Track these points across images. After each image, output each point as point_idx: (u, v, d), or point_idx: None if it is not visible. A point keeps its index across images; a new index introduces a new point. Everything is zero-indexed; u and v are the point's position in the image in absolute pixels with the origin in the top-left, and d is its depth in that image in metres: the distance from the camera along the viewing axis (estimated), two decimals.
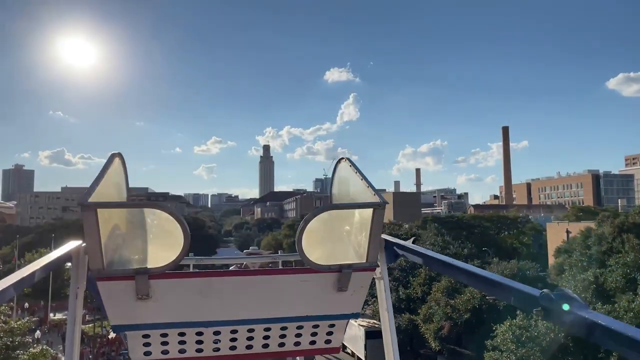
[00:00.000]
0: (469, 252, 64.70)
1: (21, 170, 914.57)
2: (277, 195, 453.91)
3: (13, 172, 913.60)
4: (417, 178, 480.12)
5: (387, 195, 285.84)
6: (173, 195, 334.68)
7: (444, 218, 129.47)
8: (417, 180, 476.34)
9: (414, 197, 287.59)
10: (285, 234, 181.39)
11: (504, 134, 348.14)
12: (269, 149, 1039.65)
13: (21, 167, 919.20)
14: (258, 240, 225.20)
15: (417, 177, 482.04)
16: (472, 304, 44.13)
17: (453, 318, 45.04)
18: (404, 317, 57.43)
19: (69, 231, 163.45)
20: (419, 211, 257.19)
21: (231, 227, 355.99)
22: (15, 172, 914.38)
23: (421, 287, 56.88)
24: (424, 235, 76.40)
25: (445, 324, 45.14)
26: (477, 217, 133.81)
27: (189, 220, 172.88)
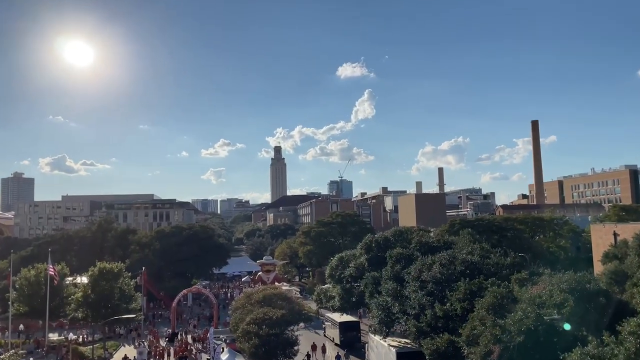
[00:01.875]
0: (512, 261, 60.96)
1: (20, 179, 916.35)
2: (291, 199, 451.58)
3: (12, 180, 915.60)
4: (440, 178, 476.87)
5: (408, 198, 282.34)
6: (180, 201, 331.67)
7: (473, 221, 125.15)
8: (440, 181, 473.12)
9: (438, 198, 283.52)
10: (301, 241, 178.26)
11: (533, 129, 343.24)
12: (280, 150, 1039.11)
13: (20, 175, 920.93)
14: (271, 248, 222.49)
15: (440, 176, 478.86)
16: (525, 324, 40.23)
17: (503, 341, 41.12)
18: (443, 338, 53.68)
19: (70, 243, 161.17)
20: (444, 214, 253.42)
21: (242, 235, 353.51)
22: (15, 180, 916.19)
23: (460, 302, 53.21)
24: (458, 243, 72.59)
25: (495, 348, 41.29)
26: (509, 219, 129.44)
27: (197, 229, 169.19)
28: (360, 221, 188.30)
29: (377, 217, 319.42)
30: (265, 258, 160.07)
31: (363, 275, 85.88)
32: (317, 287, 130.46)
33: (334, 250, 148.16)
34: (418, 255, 70.37)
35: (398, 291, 66.29)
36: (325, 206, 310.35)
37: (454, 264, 61.16)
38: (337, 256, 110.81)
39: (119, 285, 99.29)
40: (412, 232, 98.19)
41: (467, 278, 56.72)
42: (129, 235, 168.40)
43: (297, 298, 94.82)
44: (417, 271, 63.52)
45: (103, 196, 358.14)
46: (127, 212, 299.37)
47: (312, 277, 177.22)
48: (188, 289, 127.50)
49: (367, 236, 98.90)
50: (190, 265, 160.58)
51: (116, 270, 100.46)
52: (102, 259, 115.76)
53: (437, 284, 59.44)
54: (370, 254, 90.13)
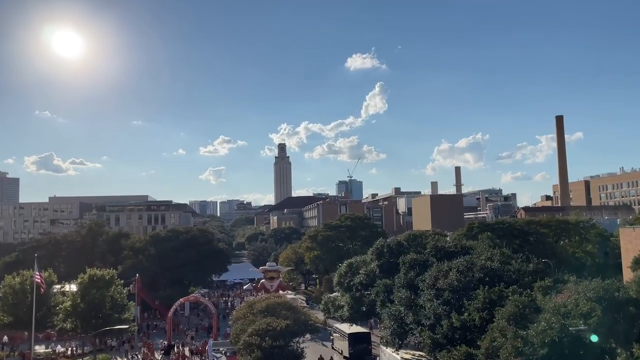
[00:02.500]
0: (535, 268, 60.93)
1: (4, 179, 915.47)
2: (296, 201, 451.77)
3: None
4: (457, 178, 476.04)
5: (423, 199, 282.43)
6: (176, 203, 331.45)
7: (493, 224, 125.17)
8: (457, 181, 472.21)
9: (455, 200, 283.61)
10: (307, 246, 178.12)
11: (557, 125, 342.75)
12: (284, 148, 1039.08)
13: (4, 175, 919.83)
14: (275, 254, 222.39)
15: (457, 176, 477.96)
16: (549, 335, 40.23)
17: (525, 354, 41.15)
18: (460, 350, 53.67)
19: (57, 248, 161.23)
20: (461, 216, 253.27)
21: (244, 239, 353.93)
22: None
23: (479, 312, 53.23)
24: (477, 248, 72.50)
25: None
26: (532, 223, 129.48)
27: (195, 233, 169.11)
28: (371, 224, 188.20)
29: (389, 220, 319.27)
30: (269, 264, 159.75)
31: (374, 283, 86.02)
32: (324, 295, 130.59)
33: (342, 255, 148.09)
34: (433, 261, 70.44)
35: (412, 300, 66.38)
36: (333, 208, 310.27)
37: (472, 271, 61.18)
38: (346, 262, 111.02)
39: (110, 294, 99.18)
40: (427, 236, 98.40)
41: (487, 286, 56.73)
42: (121, 240, 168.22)
43: (302, 307, 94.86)
44: (433, 278, 63.56)
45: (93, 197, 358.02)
46: (119, 215, 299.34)
47: (319, 284, 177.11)
48: (185, 297, 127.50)
49: (379, 241, 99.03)
50: (187, 272, 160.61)
51: (108, 277, 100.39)
52: (93, 265, 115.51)
53: (454, 292, 59.46)
54: (381, 260, 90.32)
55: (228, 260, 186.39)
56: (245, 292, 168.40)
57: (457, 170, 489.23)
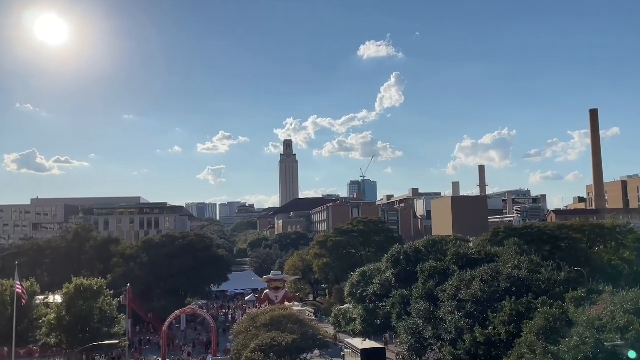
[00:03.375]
0: (566, 277, 60.92)
1: None
2: (303, 203, 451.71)
3: None
4: (481, 178, 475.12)
5: (444, 201, 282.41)
6: (172, 206, 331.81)
7: (520, 229, 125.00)
8: (481, 181, 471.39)
9: (479, 202, 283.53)
10: (316, 253, 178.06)
11: (592, 119, 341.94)
12: (290, 145, 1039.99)
13: None
14: (280, 261, 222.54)
15: (481, 176, 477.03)
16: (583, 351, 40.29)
17: None
18: None
19: (40, 255, 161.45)
20: (486, 220, 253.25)
21: (246, 245, 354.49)
22: None
23: (506, 326, 53.26)
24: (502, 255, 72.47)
25: None
26: (563, 227, 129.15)
27: (192, 238, 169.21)
28: (386, 229, 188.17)
29: (406, 224, 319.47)
30: (273, 273, 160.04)
31: (389, 294, 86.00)
32: (334, 307, 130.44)
33: (354, 263, 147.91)
34: (455, 270, 70.47)
35: (431, 312, 66.40)
36: (345, 211, 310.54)
37: (497, 280, 61.19)
38: (358, 271, 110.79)
39: (99, 306, 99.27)
40: (447, 242, 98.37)
41: (514, 297, 56.75)
42: (111, 246, 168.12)
43: (310, 320, 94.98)
44: (454, 288, 63.59)
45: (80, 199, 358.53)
46: (108, 219, 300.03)
47: (328, 295, 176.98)
48: (181, 309, 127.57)
49: (395, 247, 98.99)
50: (183, 281, 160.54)
51: (96, 287, 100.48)
52: (79, 274, 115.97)
53: (477, 303, 59.49)
54: (398, 268, 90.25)
55: (228, 268, 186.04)
56: (248, 304, 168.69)
57: (481, 169, 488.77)
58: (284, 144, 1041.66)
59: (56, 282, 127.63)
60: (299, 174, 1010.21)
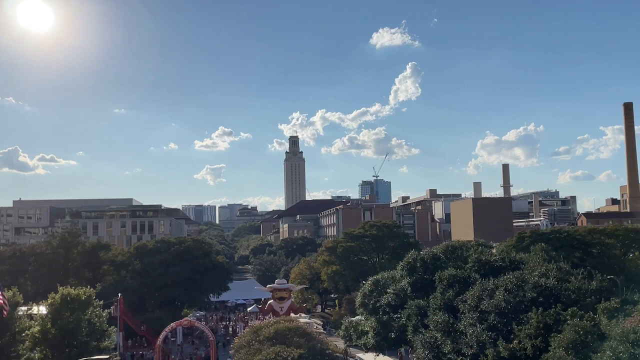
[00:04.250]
0: (598, 286, 60.84)
1: None
2: (311, 205, 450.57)
3: None
4: (505, 177, 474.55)
5: (464, 203, 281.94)
6: (167, 208, 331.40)
7: (548, 233, 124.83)
8: (505, 181, 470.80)
9: (503, 204, 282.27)
10: (324, 259, 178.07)
11: (626, 113, 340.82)
12: (297, 142, 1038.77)
13: None
14: (286, 269, 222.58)
15: (505, 176, 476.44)
16: None
17: None
18: None
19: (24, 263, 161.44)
20: (510, 224, 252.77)
21: (248, 251, 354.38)
22: None
23: (532, 339, 53.21)
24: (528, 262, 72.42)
25: None
26: (595, 232, 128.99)
27: (189, 244, 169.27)
28: (401, 234, 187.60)
29: (422, 228, 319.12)
30: (278, 282, 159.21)
31: (405, 304, 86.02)
32: (345, 319, 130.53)
33: (367, 271, 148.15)
34: (476, 278, 70.47)
35: (450, 324, 66.39)
36: (356, 214, 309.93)
37: (523, 290, 61.14)
38: (371, 279, 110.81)
39: (87, 317, 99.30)
40: (468, 248, 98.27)
41: (540, 308, 56.70)
42: (100, 252, 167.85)
43: (319, 334, 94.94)
44: (475, 299, 63.57)
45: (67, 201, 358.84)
46: (98, 222, 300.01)
47: (338, 306, 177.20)
48: (177, 322, 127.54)
49: (411, 253, 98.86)
50: (180, 291, 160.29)
51: (84, 297, 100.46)
52: (66, 282, 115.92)
53: (501, 315, 59.50)
54: (414, 277, 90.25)
55: (229, 276, 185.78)
56: (250, 315, 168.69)
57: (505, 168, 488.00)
58: (289, 140, 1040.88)
59: (41, 291, 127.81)
60: (305, 173, 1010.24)
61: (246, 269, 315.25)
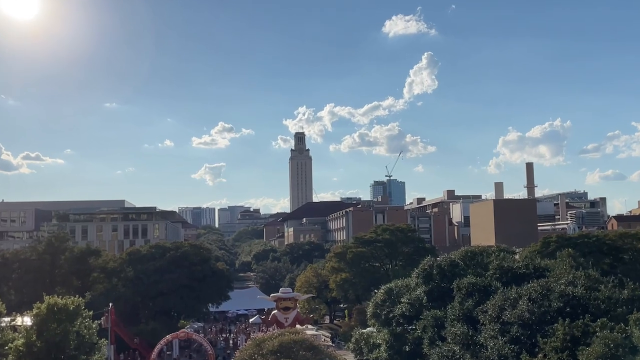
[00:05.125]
0: (630, 295, 60.78)
1: None
2: (318, 207, 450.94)
3: None
4: (529, 177, 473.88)
5: (485, 205, 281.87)
6: (162, 210, 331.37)
7: (575, 238, 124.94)
8: (529, 181, 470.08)
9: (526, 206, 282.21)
10: (333, 266, 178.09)
11: None
12: (303, 138, 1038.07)
13: None
14: (291, 277, 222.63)
15: (529, 175, 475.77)
16: None
17: None
18: None
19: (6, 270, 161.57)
20: (534, 228, 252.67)
21: (250, 257, 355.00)
22: None
23: (558, 353, 53.22)
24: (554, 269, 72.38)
25: None
26: (626, 236, 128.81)
27: (187, 249, 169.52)
28: (417, 238, 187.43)
29: (439, 232, 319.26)
30: (282, 290, 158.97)
31: (420, 315, 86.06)
32: (355, 331, 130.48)
33: (379, 279, 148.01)
34: (498, 287, 70.49)
35: (470, 337, 66.38)
36: (367, 217, 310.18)
37: (548, 299, 61.12)
38: (383, 288, 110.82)
39: (75, 329, 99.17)
40: (489, 254, 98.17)
41: (567, 318, 56.67)
42: (90, 258, 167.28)
43: (327, 347, 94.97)
44: (497, 309, 63.58)
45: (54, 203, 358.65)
46: (87, 226, 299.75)
47: (348, 317, 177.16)
48: (173, 334, 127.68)
49: (427, 259, 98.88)
50: (176, 300, 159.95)
51: (72, 307, 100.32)
52: (53, 291, 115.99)
53: (524, 326, 59.50)
54: (430, 285, 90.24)
55: (229, 285, 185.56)
56: (252, 327, 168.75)
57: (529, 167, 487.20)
58: (295, 137, 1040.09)
59: (25, 301, 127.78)
60: (312, 173, 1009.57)
61: (248, 276, 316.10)
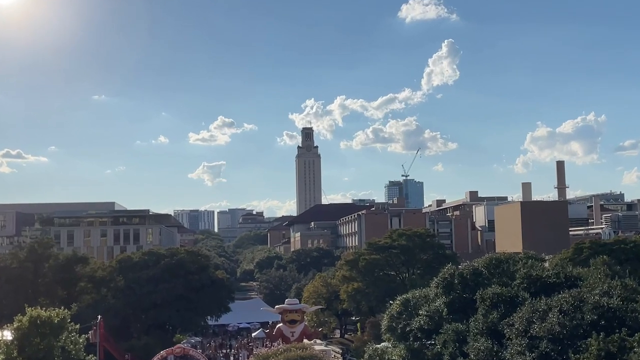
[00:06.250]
0: None
1: None
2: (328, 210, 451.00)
3: None
4: (560, 177, 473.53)
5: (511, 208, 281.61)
6: (156, 214, 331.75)
7: (611, 244, 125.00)
8: (560, 181, 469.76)
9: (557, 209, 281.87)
10: (344, 275, 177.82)
11: None
12: (311, 134, 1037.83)
13: None
14: (298, 286, 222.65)
15: (559, 175, 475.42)
16: None
17: None
18: None
19: None
20: (566, 233, 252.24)
21: (253, 265, 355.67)
22: None
23: None
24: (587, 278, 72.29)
25: None
26: None
27: (183, 256, 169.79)
28: (436, 244, 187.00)
29: (461, 237, 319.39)
30: (288, 301, 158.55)
31: (440, 328, 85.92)
32: (368, 346, 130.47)
33: (394, 289, 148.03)
34: (525, 297, 70.38)
35: (494, 352, 66.36)
36: (382, 221, 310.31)
37: (581, 311, 61.06)
38: (399, 298, 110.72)
39: (60, 344, 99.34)
40: (516, 262, 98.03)
41: (602, 332, 56.58)
42: (76, 266, 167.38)
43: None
44: (525, 322, 63.51)
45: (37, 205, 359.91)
46: (73, 231, 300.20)
47: (360, 330, 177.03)
48: (168, 349, 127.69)
49: (447, 268, 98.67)
50: (171, 312, 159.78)
51: (57, 320, 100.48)
52: (36, 303, 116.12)
53: (554, 341, 59.44)
54: (451, 296, 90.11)
55: (230, 295, 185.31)
56: (255, 342, 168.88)
57: (560, 166, 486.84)
58: (302, 133, 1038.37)
59: (5, 313, 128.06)
60: (321, 172, 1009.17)
61: (250, 286, 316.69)
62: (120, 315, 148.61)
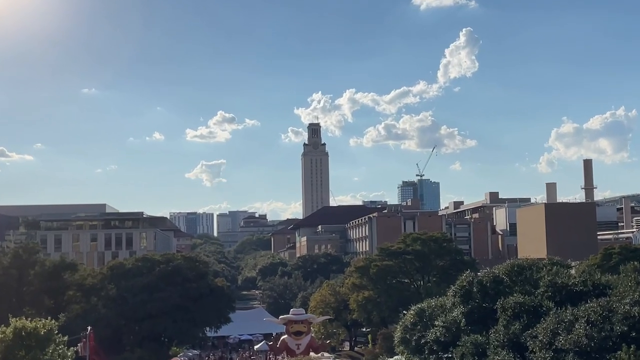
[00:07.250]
0: None
1: None
2: (336, 213, 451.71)
3: None
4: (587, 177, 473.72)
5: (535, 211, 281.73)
6: (150, 216, 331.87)
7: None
8: (587, 182, 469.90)
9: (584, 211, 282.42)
10: (354, 282, 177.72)
11: None
12: (318, 131, 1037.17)
13: None
14: (304, 295, 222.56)
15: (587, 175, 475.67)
16: None
17: None
18: None
19: None
20: (594, 237, 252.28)
21: (255, 272, 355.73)
22: None
23: None
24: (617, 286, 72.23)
25: None
26: None
27: (180, 263, 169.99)
28: (453, 249, 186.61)
29: (480, 242, 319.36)
30: (293, 311, 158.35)
31: (458, 340, 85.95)
32: (380, 359, 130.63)
33: (408, 298, 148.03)
34: (550, 307, 70.36)
35: None
36: (395, 224, 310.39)
37: (610, 322, 61.06)
38: (414, 308, 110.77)
39: (47, 357, 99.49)
40: (539, 268, 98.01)
41: (633, 345, 56.60)
42: (64, 273, 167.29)
43: None
44: (549, 333, 63.52)
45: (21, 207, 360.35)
46: (61, 235, 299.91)
47: (371, 343, 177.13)
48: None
49: (465, 275, 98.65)
50: (167, 323, 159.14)
51: (43, 331, 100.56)
52: (20, 313, 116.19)
53: (581, 354, 59.46)
54: (469, 305, 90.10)
55: (230, 304, 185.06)
56: (258, 355, 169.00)
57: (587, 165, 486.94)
58: (308, 129, 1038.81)
59: None
60: (329, 171, 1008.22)
61: (253, 294, 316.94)
62: (111, 326, 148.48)
